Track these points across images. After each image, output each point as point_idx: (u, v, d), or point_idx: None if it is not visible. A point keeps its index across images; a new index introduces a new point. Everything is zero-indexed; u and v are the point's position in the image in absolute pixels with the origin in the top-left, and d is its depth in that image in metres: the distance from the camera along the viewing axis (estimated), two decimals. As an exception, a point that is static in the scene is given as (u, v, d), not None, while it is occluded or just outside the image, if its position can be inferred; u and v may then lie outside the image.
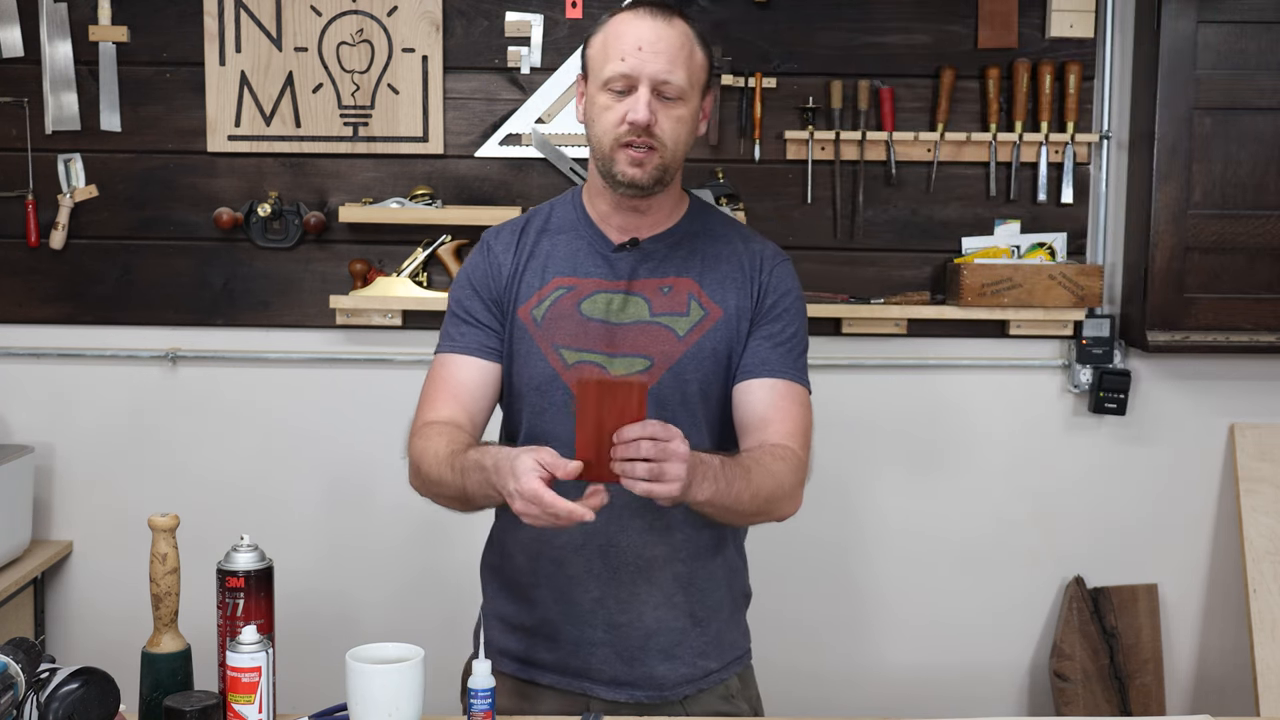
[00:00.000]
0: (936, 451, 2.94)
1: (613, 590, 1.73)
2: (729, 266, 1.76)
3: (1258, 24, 2.74)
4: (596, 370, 1.68)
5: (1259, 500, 2.88)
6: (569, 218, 1.79)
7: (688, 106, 1.67)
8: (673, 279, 1.74)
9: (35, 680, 1.44)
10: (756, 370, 1.73)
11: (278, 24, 2.80)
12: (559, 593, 1.74)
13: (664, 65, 1.63)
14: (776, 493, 1.64)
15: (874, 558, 2.97)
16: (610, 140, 1.66)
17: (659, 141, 1.65)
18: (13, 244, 2.85)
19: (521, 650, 1.78)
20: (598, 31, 1.70)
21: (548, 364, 1.70)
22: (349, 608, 2.92)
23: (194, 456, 2.90)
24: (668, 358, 1.70)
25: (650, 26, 1.64)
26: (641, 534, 1.71)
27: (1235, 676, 2.95)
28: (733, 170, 2.85)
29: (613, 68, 1.64)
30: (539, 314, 1.72)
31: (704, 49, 1.70)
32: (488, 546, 1.88)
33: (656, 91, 1.64)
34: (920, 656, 2.98)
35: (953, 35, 2.85)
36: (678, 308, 1.72)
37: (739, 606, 1.87)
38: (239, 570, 1.54)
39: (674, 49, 1.64)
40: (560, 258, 1.75)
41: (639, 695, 1.75)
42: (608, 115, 1.65)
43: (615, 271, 1.74)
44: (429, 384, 1.77)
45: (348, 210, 2.79)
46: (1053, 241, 2.87)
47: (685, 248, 1.76)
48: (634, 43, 1.63)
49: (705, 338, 1.72)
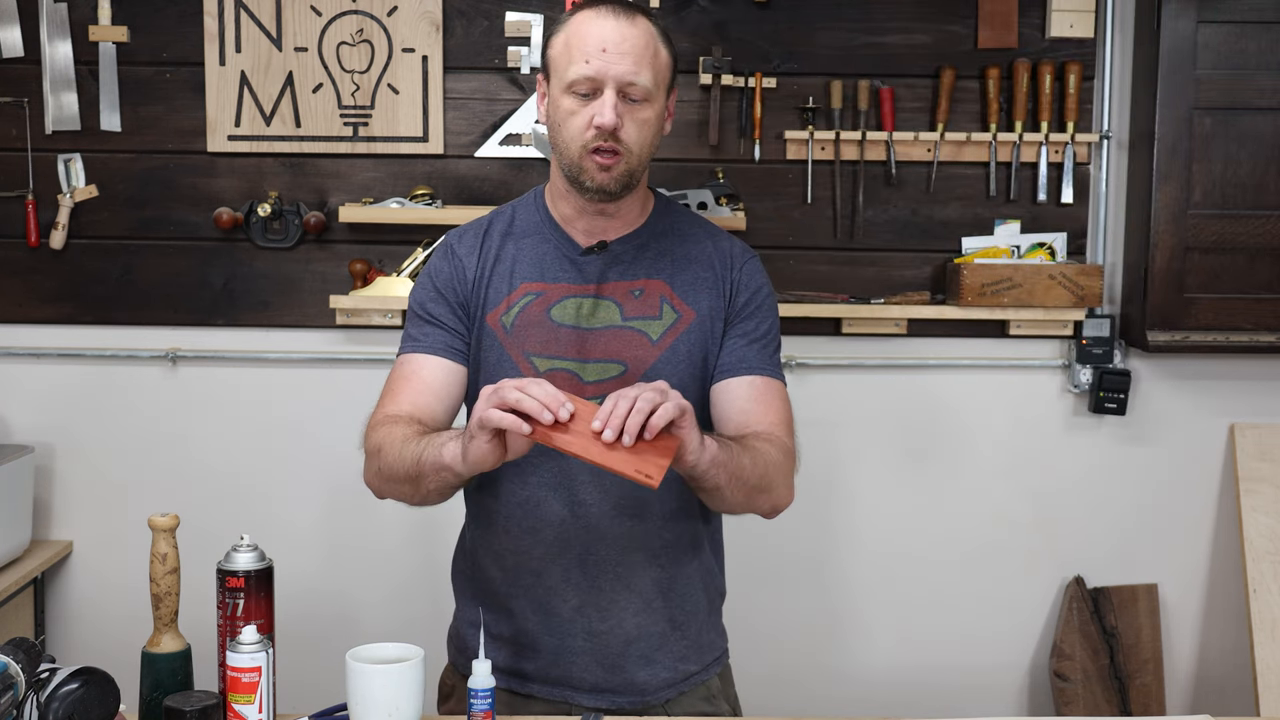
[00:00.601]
0: (936, 451, 2.95)
1: (592, 599, 1.71)
2: (699, 267, 1.74)
3: (1258, 24, 2.74)
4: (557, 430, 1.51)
5: (1259, 500, 2.88)
6: (532, 220, 1.75)
7: (653, 108, 1.64)
8: (643, 281, 1.71)
9: (35, 680, 1.44)
10: (735, 369, 1.71)
11: (278, 24, 2.80)
12: (538, 603, 1.72)
13: (629, 67, 1.60)
14: (772, 471, 1.62)
15: (873, 557, 2.97)
16: (578, 147, 1.63)
17: (625, 146, 1.62)
18: (13, 244, 2.85)
19: (500, 660, 1.76)
20: (559, 31, 1.66)
21: (519, 371, 1.67)
22: (349, 608, 2.92)
23: (194, 456, 2.90)
24: (641, 362, 1.68)
25: (614, 27, 1.60)
26: (619, 541, 1.70)
27: (1235, 676, 2.95)
28: (733, 170, 2.85)
29: (577, 70, 1.60)
30: (508, 321, 1.70)
31: (668, 47, 1.67)
32: (459, 554, 1.85)
33: (622, 94, 1.61)
34: (920, 656, 2.98)
35: (953, 35, 2.85)
36: (650, 311, 1.70)
37: (715, 607, 1.85)
38: (239, 570, 1.54)
39: (639, 49, 1.60)
40: (527, 262, 1.72)
41: (620, 701, 1.74)
42: (573, 120, 1.62)
43: (584, 275, 1.71)
44: (390, 381, 1.73)
45: (348, 210, 2.79)
46: (1053, 241, 2.87)
47: (654, 249, 1.74)
48: (598, 44, 1.59)
49: (679, 341, 1.70)
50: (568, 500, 1.68)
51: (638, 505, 1.69)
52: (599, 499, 1.67)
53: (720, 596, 1.87)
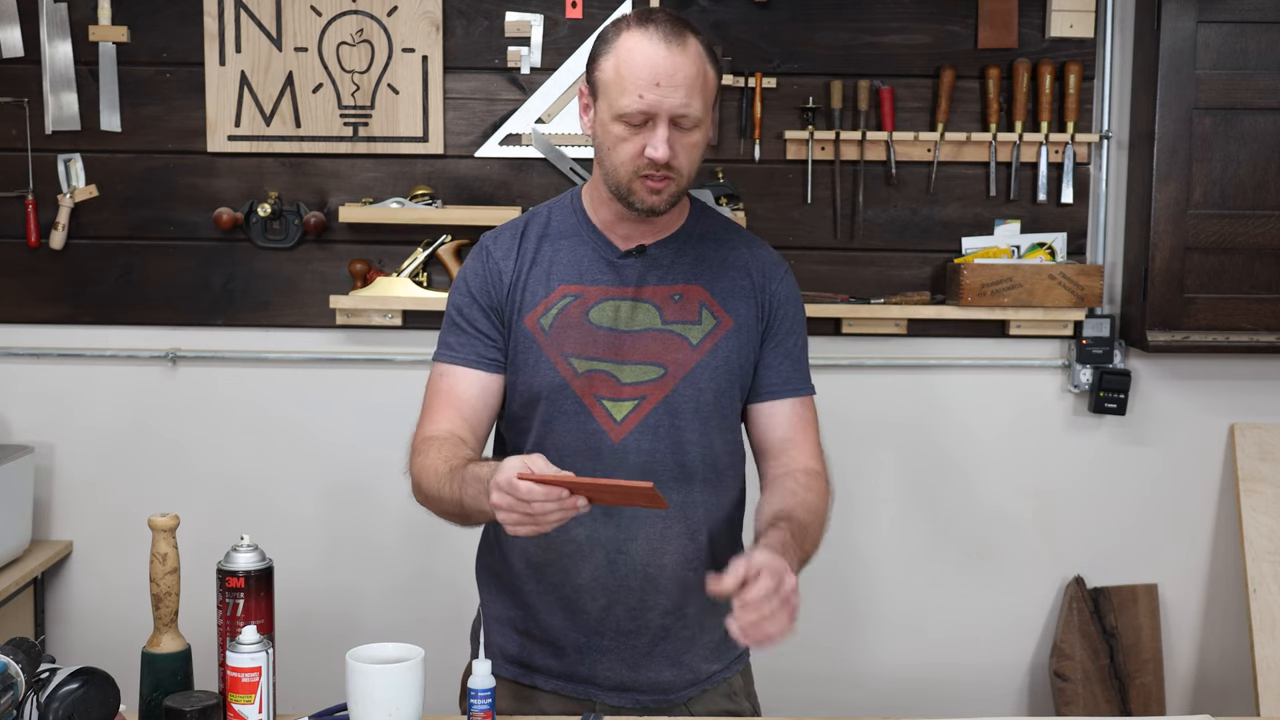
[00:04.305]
0: (936, 451, 2.94)
1: (621, 598, 1.72)
2: (736, 274, 1.76)
3: (1258, 24, 2.74)
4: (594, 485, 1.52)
5: (1259, 500, 2.88)
6: (570, 223, 1.77)
7: (703, 130, 1.65)
8: (682, 286, 1.73)
9: (35, 680, 1.44)
10: (780, 390, 1.76)
11: (278, 24, 2.80)
12: (566, 600, 1.73)
13: (682, 99, 1.59)
14: (821, 528, 1.71)
15: (873, 557, 2.97)
16: (628, 172, 1.63)
17: (675, 172, 1.64)
18: (13, 244, 2.84)
19: (524, 654, 1.78)
20: (607, 53, 1.63)
21: (557, 372, 1.69)
22: (349, 608, 2.92)
23: (194, 456, 2.90)
24: (681, 366, 1.70)
25: (665, 56, 1.59)
26: (649, 542, 1.71)
27: (1235, 676, 2.95)
28: (733, 170, 2.85)
29: (629, 103, 1.59)
30: (546, 322, 1.71)
31: (714, 65, 1.67)
32: (484, 550, 1.87)
33: (674, 123, 1.61)
34: (920, 656, 2.98)
35: (953, 35, 2.85)
36: (689, 316, 1.72)
37: None
38: (239, 570, 1.54)
39: (690, 79, 1.60)
40: (565, 264, 1.74)
41: (643, 700, 1.75)
42: (624, 147, 1.62)
43: (622, 278, 1.72)
44: (429, 396, 1.75)
45: (348, 210, 2.79)
46: (1053, 241, 2.87)
47: (692, 254, 1.75)
48: (650, 77, 1.58)
49: (719, 346, 1.72)
50: None
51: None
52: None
53: None
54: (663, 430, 1.69)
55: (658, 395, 1.69)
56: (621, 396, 1.68)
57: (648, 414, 1.68)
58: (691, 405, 1.70)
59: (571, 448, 1.68)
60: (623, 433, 1.68)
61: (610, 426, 1.68)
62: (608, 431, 1.68)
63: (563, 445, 1.69)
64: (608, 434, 1.68)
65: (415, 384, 1.82)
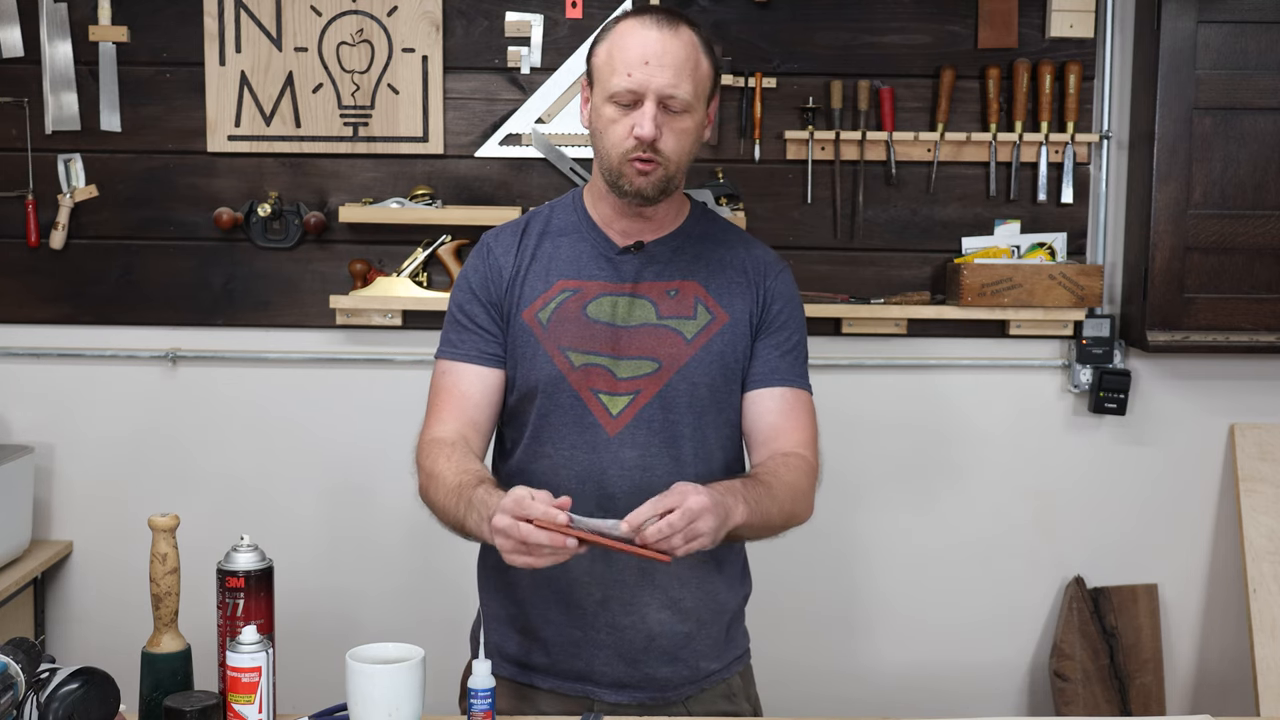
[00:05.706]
0: (936, 451, 2.94)
1: (616, 593, 1.73)
2: (733, 272, 1.78)
3: (1258, 24, 2.75)
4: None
5: (1259, 500, 2.88)
6: (570, 220, 1.79)
7: (693, 118, 1.67)
8: (678, 282, 1.75)
9: (35, 680, 1.44)
10: (768, 379, 1.76)
11: (278, 24, 2.80)
12: (562, 595, 1.74)
13: (670, 79, 1.63)
14: (798, 501, 1.69)
15: (873, 558, 2.97)
16: (618, 154, 1.66)
17: (663, 156, 1.66)
18: (13, 244, 2.85)
19: (522, 653, 1.78)
20: (603, 39, 1.69)
21: (554, 366, 1.71)
22: (349, 608, 2.92)
23: (194, 456, 2.90)
24: (675, 360, 1.71)
25: (657, 38, 1.63)
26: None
27: (1235, 676, 2.95)
28: (733, 170, 2.85)
29: (619, 81, 1.63)
30: (544, 316, 1.73)
31: (710, 57, 1.69)
32: (484, 547, 1.87)
33: (662, 104, 1.64)
34: (920, 656, 2.98)
35: (953, 35, 2.85)
36: (684, 311, 1.73)
37: (741, 606, 1.88)
38: (239, 570, 1.55)
39: (680, 61, 1.63)
40: (564, 260, 1.76)
41: (641, 697, 1.76)
42: (615, 129, 1.66)
43: (620, 274, 1.74)
44: (433, 394, 1.77)
45: (348, 210, 2.79)
46: (1053, 241, 2.87)
47: (689, 252, 1.77)
48: (640, 56, 1.63)
49: (713, 341, 1.73)
50: (596, 494, 1.70)
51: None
52: (627, 494, 1.69)
53: (745, 597, 1.89)
54: (657, 424, 1.70)
55: (652, 390, 1.70)
56: (617, 391, 1.70)
57: (643, 408, 1.70)
58: (686, 400, 1.71)
59: (567, 441, 1.70)
60: (618, 426, 1.70)
61: (606, 420, 1.70)
62: (603, 425, 1.70)
63: (558, 438, 1.70)
64: (603, 428, 1.70)
65: (415, 384, 1.82)
